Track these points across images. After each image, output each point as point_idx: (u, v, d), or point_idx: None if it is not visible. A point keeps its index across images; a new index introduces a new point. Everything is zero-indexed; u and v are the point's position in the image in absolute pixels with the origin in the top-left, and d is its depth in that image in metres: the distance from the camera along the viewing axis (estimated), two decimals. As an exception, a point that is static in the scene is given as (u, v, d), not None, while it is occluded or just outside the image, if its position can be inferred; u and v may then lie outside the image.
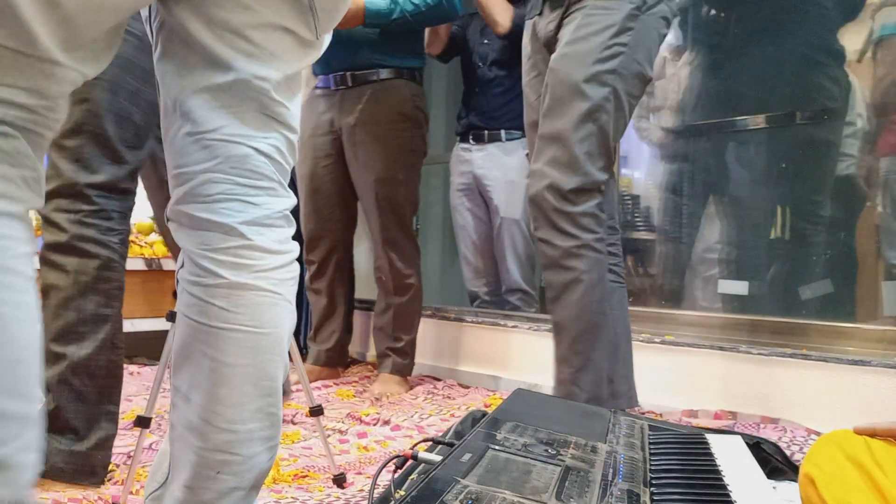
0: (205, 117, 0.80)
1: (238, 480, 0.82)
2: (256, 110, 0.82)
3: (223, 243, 0.82)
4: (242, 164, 0.81)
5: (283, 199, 0.86)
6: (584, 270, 1.47)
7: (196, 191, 0.82)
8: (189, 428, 0.82)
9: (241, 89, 0.80)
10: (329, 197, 2.45)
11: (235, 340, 0.81)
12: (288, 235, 0.87)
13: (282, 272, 0.85)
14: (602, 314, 1.51)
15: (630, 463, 0.97)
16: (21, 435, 0.65)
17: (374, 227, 2.38)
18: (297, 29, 0.82)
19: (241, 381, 0.81)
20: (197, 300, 0.82)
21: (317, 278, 2.54)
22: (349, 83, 2.33)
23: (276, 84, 0.82)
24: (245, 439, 0.82)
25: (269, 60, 0.80)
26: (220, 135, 0.81)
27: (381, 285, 2.43)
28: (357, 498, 1.34)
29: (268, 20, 0.79)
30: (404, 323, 2.43)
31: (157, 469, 0.98)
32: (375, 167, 2.30)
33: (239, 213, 0.82)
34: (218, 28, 0.77)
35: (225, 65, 0.79)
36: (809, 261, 2.27)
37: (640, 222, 2.75)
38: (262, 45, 0.79)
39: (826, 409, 1.82)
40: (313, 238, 2.50)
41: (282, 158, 0.85)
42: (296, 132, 0.87)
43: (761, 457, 1.22)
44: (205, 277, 0.82)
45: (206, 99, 0.80)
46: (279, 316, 0.84)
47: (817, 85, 2.31)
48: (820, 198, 2.30)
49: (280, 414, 0.86)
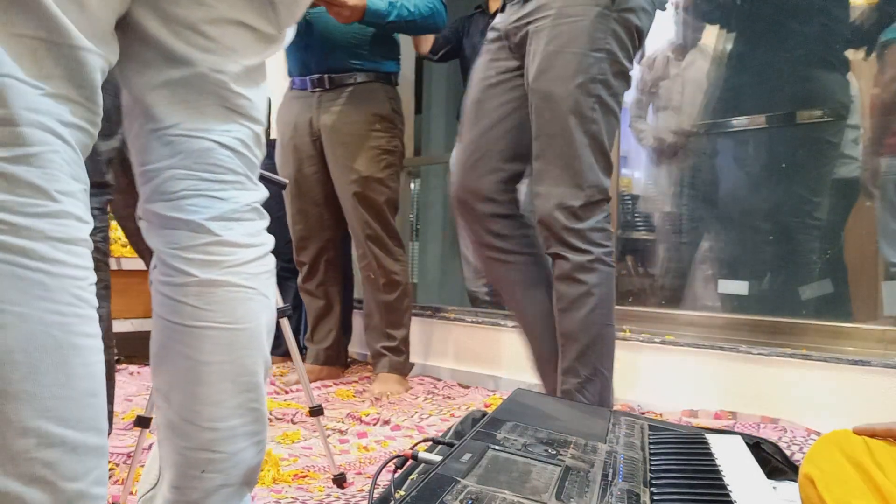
0: (164, 113, 0.80)
1: (225, 478, 0.82)
2: (216, 104, 0.81)
3: (191, 241, 0.81)
4: (205, 159, 0.81)
5: (251, 191, 0.85)
6: (595, 284, 1.49)
7: (161, 188, 0.81)
8: (171, 428, 0.82)
9: (199, 83, 0.79)
10: (315, 197, 2.46)
11: (210, 338, 0.80)
12: (259, 228, 0.86)
13: (254, 266, 0.84)
14: (608, 325, 1.53)
15: (630, 463, 0.97)
16: (97, 467, 0.66)
17: (357, 226, 2.39)
18: (256, 23, 0.81)
19: (219, 379, 0.81)
20: (169, 300, 0.82)
21: (308, 279, 2.55)
22: (326, 85, 2.35)
23: (234, 76, 0.81)
24: (228, 436, 0.81)
25: (227, 54, 0.80)
26: (181, 130, 0.80)
27: (371, 283, 2.43)
28: (357, 498, 1.34)
29: (223, 15, 0.78)
30: (395, 320, 2.44)
31: (149, 471, 0.98)
32: (354, 167, 2.33)
33: (205, 209, 0.81)
34: (173, 24, 0.77)
35: (181, 59, 0.78)
36: (809, 261, 2.28)
37: (639, 222, 2.75)
38: (218, 39, 0.78)
39: (826, 409, 1.82)
40: (302, 239, 2.51)
41: (247, 151, 0.84)
42: (261, 124, 0.86)
43: (761, 457, 1.22)
44: (175, 276, 0.81)
45: (164, 94, 0.79)
46: (254, 311, 0.83)
47: (818, 86, 2.31)
48: (819, 198, 2.31)
49: (264, 409, 0.86)
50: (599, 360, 1.52)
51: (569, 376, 1.53)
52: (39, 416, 0.62)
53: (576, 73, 1.45)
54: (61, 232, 0.65)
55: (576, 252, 1.48)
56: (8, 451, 0.60)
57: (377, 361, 2.45)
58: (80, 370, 0.65)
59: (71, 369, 0.64)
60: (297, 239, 2.51)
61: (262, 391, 0.85)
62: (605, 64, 1.47)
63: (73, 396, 0.64)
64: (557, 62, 1.47)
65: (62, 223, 0.65)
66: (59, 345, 0.63)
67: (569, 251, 1.48)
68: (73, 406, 0.64)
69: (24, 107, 0.63)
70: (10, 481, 0.60)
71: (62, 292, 0.64)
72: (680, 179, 2.67)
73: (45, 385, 0.62)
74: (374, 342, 2.45)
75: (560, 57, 1.46)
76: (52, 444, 0.62)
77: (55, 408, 0.63)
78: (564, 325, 1.52)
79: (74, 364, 0.64)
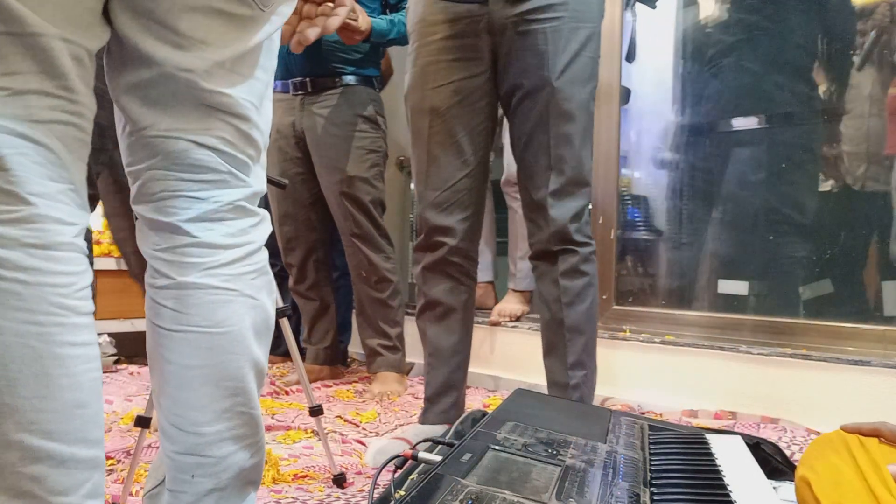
0: (138, 114, 0.78)
1: (215, 482, 0.81)
2: (191, 103, 0.78)
3: (170, 242, 0.80)
4: (183, 160, 0.78)
5: (235, 189, 0.82)
6: (593, 274, 1.55)
7: (143, 190, 0.80)
8: (162, 431, 0.81)
9: (168, 83, 0.76)
10: (301, 199, 2.47)
11: (189, 342, 0.79)
12: (243, 227, 0.83)
13: (236, 267, 0.82)
14: (596, 314, 1.60)
15: (630, 463, 0.97)
16: (89, 480, 0.65)
17: (345, 226, 2.39)
18: (228, 7, 0.76)
19: (201, 383, 0.79)
20: (152, 303, 0.81)
21: (299, 281, 2.55)
22: (309, 89, 2.36)
23: (204, 73, 0.77)
24: (213, 441, 0.80)
25: (197, 49, 0.75)
26: (156, 131, 0.78)
27: (362, 281, 2.43)
28: (357, 498, 1.34)
29: (191, 4, 0.74)
30: (388, 317, 2.44)
31: (157, 467, 0.98)
32: (340, 167, 2.33)
33: (183, 211, 0.79)
34: (143, 19, 0.73)
35: (148, 59, 0.75)
36: (810, 261, 2.27)
37: (639, 222, 2.75)
38: (188, 33, 0.74)
39: (826, 409, 1.82)
40: (289, 241, 2.51)
41: (231, 148, 0.81)
42: (247, 120, 0.82)
43: (761, 457, 1.22)
44: (156, 279, 0.80)
45: (138, 96, 0.77)
46: (236, 313, 0.81)
47: (817, 86, 2.31)
48: (819, 197, 2.31)
49: (255, 412, 0.83)
50: (595, 351, 1.59)
51: (577, 370, 1.55)
52: (21, 430, 0.60)
53: (590, 77, 1.51)
54: (37, 238, 0.62)
55: (580, 245, 1.53)
56: None
57: (373, 360, 2.44)
58: (63, 381, 0.63)
59: (53, 380, 0.62)
60: (284, 241, 2.51)
61: (252, 394, 0.83)
62: (598, 67, 1.54)
63: (57, 408, 0.62)
64: (576, 66, 1.48)
65: (37, 228, 0.63)
66: (38, 355, 0.61)
67: (574, 244, 1.53)
68: (58, 418, 0.62)
69: None
70: None
71: (39, 301, 0.62)
72: (680, 179, 2.67)
73: (24, 398, 0.60)
74: (369, 340, 2.45)
75: (578, 61, 1.48)
76: (38, 458, 0.61)
77: (38, 420, 0.61)
78: (570, 319, 1.54)
79: (56, 375, 0.62)
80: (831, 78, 2.29)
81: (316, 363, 2.57)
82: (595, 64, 1.51)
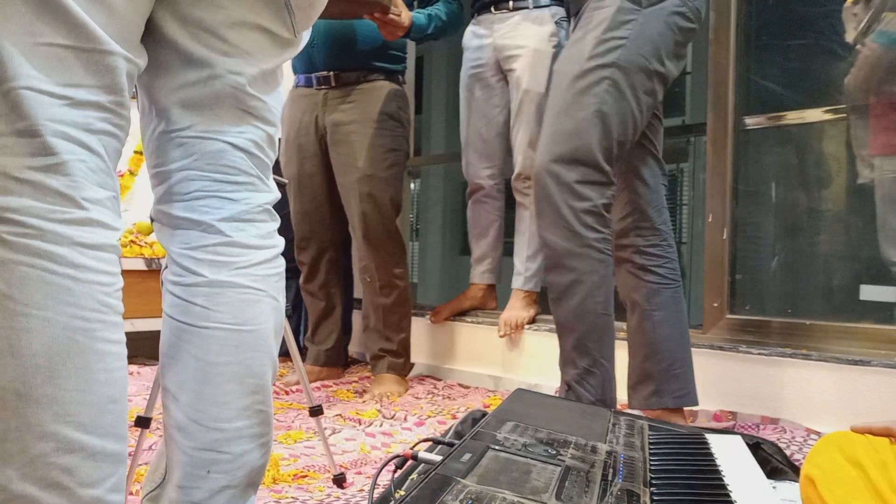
0: (179, 115, 0.80)
1: (229, 479, 0.82)
2: (231, 106, 0.82)
3: (202, 241, 0.82)
4: (218, 160, 0.81)
5: (263, 193, 0.86)
6: (585, 271, 1.47)
7: (174, 189, 0.82)
8: (178, 428, 0.82)
9: (216, 85, 0.80)
10: (317, 197, 2.45)
11: (218, 339, 0.81)
12: (270, 230, 0.87)
13: (264, 268, 0.84)
14: (607, 315, 1.51)
15: (630, 463, 0.97)
16: (114, 474, 0.66)
17: (358, 226, 2.36)
18: (273, 27, 0.82)
19: (226, 380, 0.81)
20: (179, 300, 0.82)
21: (309, 280, 2.54)
22: (332, 83, 2.33)
23: (251, 78, 0.82)
24: (233, 437, 0.82)
25: (244, 57, 0.81)
26: (194, 132, 0.81)
27: (367, 286, 2.42)
28: (357, 498, 1.34)
29: (242, 18, 0.79)
30: (393, 323, 2.41)
31: (154, 469, 0.98)
32: (359, 165, 2.30)
33: (217, 210, 0.82)
34: (192, 27, 0.78)
35: (199, 62, 0.79)
36: (810, 261, 2.27)
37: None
38: (236, 43, 0.79)
39: (826, 409, 1.82)
40: (303, 239, 2.49)
41: (260, 153, 0.85)
42: (274, 126, 0.87)
43: (761, 457, 1.22)
44: (185, 277, 0.82)
45: (180, 97, 0.80)
46: (262, 313, 0.84)
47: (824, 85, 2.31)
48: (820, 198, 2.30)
49: (270, 411, 0.86)
50: (600, 350, 1.50)
51: (567, 367, 1.52)
52: (59, 421, 0.62)
53: (591, 55, 1.50)
54: (88, 238, 0.65)
55: (567, 233, 1.47)
56: (27, 454, 0.61)
57: (376, 363, 2.44)
58: (101, 376, 0.65)
59: (92, 375, 0.64)
60: (298, 238, 2.50)
61: (269, 393, 0.86)
62: (627, 52, 1.49)
63: (94, 402, 0.64)
64: (577, 46, 1.53)
65: (89, 230, 0.65)
66: (81, 350, 0.63)
67: (560, 232, 1.48)
68: (93, 412, 0.64)
69: (46, 117, 0.63)
70: (28, 485, 0.61)
71: (88, 298, 0.64)
72: (680, 179, 2.66)
73: (65, 390, 0.62)
74: (374, 344, 2.44)
75: (580, 43, 1.52)
76: (71, 449, 0.62)
77: (75, 413, 0.63)
78: (557, 315, 1.53)
79: (96, 370, 0.65)
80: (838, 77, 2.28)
81: (316, 364, 2.56)
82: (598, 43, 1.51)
